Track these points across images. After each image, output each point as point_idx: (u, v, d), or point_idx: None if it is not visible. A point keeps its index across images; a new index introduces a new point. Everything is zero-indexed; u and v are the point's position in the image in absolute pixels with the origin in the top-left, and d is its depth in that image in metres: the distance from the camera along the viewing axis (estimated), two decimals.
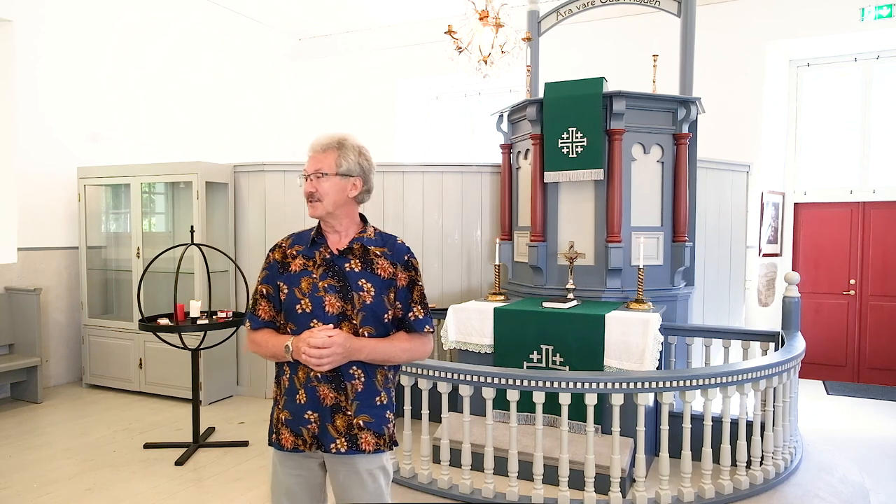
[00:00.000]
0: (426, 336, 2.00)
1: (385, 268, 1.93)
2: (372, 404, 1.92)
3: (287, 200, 5.64)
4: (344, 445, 1.88)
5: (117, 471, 4.01)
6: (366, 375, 1.90)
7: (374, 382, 1.93)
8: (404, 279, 1.95)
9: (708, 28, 6.16)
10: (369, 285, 1.90)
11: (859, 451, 4.41)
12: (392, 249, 1.97)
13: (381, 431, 1.93)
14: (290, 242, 2.02)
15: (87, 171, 5.93)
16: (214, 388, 5.59)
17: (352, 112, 8.68)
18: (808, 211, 7.02)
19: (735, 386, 3.24)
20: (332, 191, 1.92)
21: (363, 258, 1.93)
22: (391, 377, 2.00)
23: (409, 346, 1.95)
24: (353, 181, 1.94)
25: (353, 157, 1.94)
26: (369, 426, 1.90)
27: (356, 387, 1.89)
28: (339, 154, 1.93)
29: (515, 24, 4.97)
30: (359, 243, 1.95)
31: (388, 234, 2.03)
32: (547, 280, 4.66)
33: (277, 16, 8.17)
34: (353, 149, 1.95)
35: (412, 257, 1.99)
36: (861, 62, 6.71)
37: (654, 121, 4.49)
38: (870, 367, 6.70)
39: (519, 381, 3.12)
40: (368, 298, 1.89)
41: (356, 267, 1.92)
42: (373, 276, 1.91)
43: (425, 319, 1.98)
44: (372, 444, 1.90)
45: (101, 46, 6.45)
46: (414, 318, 1.96)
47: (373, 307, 1.89)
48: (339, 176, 1.92)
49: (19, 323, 5.52)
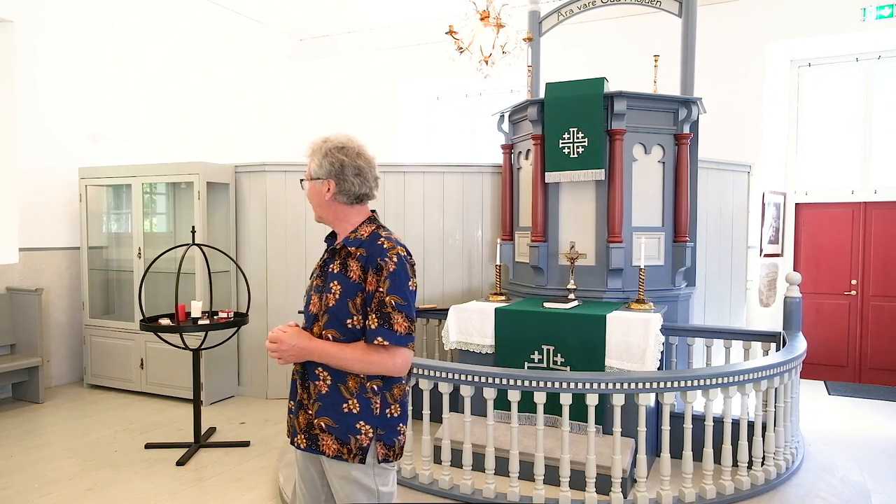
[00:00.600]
0: (385, 350, 1.81)
1: (355, 270, 1.85)
2: (336, 409, 1.85)
3: (288, 200, 5.64)
4: (303, 442, 1.91)
5: (118, 471, 4.02)
6: (332, 379, 1.86)
7: (341, 388, 1.86)
8: (372, 283, 1.83)
9: (709, 28, 6.16)
10: (338, 287, 1.86)
11: (860, 452, 4.41)
12: (369, 251, 1.86)
13: (345, 440, 1.84)
14: None
15: (88, 171, 5.93)
16: (215, 389, 5.60)
17: (352, 112, 8.69)
18: (809, 211, 7.02)
19: (736, 386, 3.23)
20: (311, 194, 1.99)
21: (343, 260, 1.90)
22: (374, 388, 1.86)
23: (361, 356, 1.82)
24: (324, 183, 1.93)
25: (319, 159, 1.94)
26: (330, 430, 1.85)
27: (319, 388, 1.88)
28: (311, 158, 1.97)
29: (516, 24, 4.98)
30: (342, 244, 1.93)
31: (377, 235, 1.91)
32: (548, 280, 4.66)
33: (278, 16, 8.17)
34: (321, 151, 1.95)
35: (384, 259, 1.82)
36: (862, 62, 6.71)
37: (655, 121, 4.49)
38: (871, 368, 6.69)
39: (520, 382, 3.12)
40: (332, 301, 1.86)
41: (336, 268, 1.91)
42: (344, 278, 1.87)
43: (378, 331, 1.80)
44: (333, 450, 1.85)
45: (101, 46, 6.45)
46: (368, 329, 1.82)
47: (335, 310, 1.85)
48: (312, 180, 1.96)
49: (21, 323, 5.52)
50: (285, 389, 5.70)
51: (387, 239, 1.89)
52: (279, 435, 4.69)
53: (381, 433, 1.87)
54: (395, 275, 1.82)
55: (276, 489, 3.72)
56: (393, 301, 1.81)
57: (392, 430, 1.90)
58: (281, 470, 3.80)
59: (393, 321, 1.81)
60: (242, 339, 5.78)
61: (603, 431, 3.69)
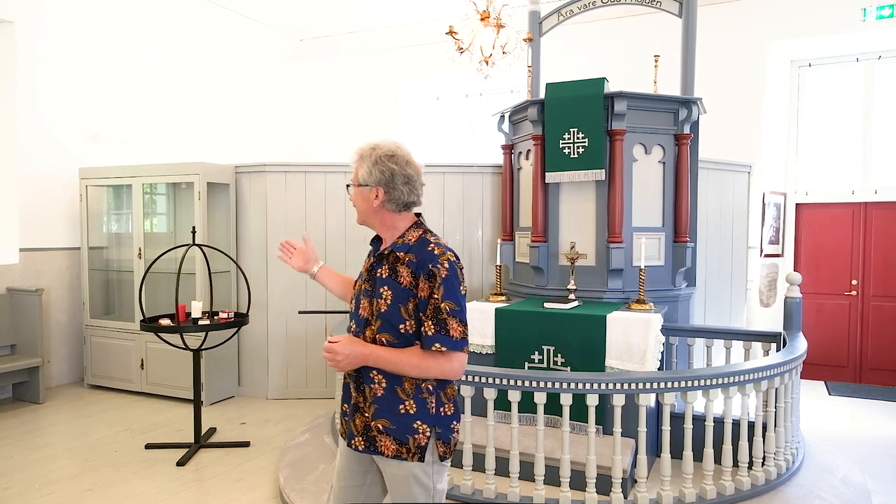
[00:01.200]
0: (442, 355, 1.85)
1: (405, 276, 1.88)
2: (393, 411, 1.89)
3: (288, 201, 5.64)
4: (361, 444, 1.94)
5: (118, 471, 4.02)
6: (387, 381, 1.90)
7: (397, 390, 1.90)
8: (425, 290, 1.85)
9: (709, 28, 6.16)
10: (389, 293, 1.89)
11: (861, 452, 4.41)
12: (419, 256, 1.88)
13: (404, 440, 1.88)
14: None
15: (88, 171, 5.93)
16: (216, 389, 5.60)
17: (353, 112, 8.70)
18: (809, 211, 7.01)
19: (737, 387, 3.23)
20: (358, 201, 1.99)
21: (392, 265, 1.92)
22: (429, 388, 1.91)
23: (418, 362, 1.85)
24: (373, 191, 1.94)
25: (368, 166, 1.94)
26: (389, 431, 1.89)
27: (375, 391, 1.91)
28: (358, 164, 1.97)
29: (517, 24, 4.98)
30: (391, 249, 1.94)
31: (426, 241, 1.93)
32: (548, 280, 4.66)
33: (278, 16, 8.17)
34: (370, 157, 1.94)
35: (436, 266, 1.84)
36: (863, 62, 6.71)
37: (656, 121, 4.49)
38: (871, 368, 6.69)
39: (520, 382, 3.12)
40: (384, 306, 1.89)
41: (384, 273, 1.93)
42: (394, 283, 1.89)
43: (435, 337, 1.83)
44: (392, 450, 1.89)
45: (101, 47, 6.46)
46: (424, 335, 1.86)
47: (387, 315, 1.88)
48: (360, 187, 1.96)
49: (21, 323, 5.53)
50: (286, 390, 5.71)
51: (436, 245, 1.91)
52: (279, 435, 4.69)
53: (439, 431, 1.92)
54: (447, 281, 1.85)
55: (277, 489, 3.72)
56: (448, 307, 1.84)
57: (447, 428, 1.94)
58: (281, 470, 3.80)
59: (449, 327, 1.84)
60: (243, 340, 5.78)
61: (603, 432, 3.69)
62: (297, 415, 5.19)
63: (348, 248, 5.64)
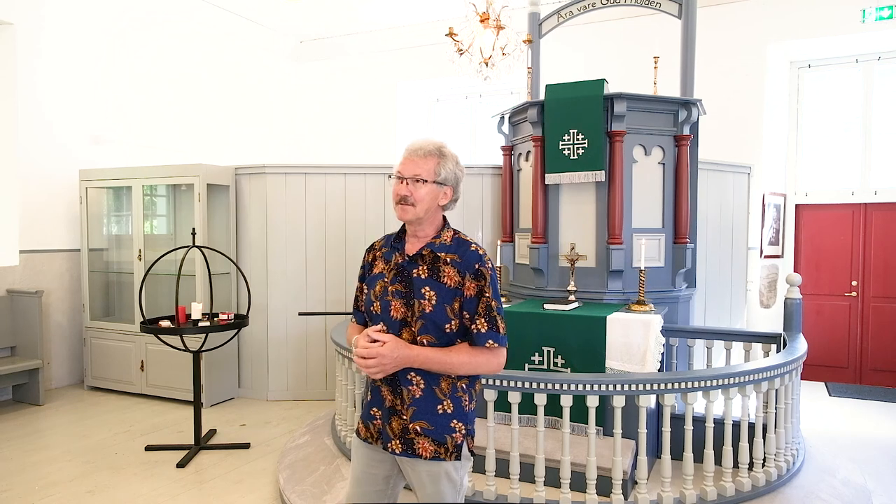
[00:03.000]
0: (491, 351, 1.89)
1: (451, 276, 1.88)
2: (432, 411, 1.89)
3: (288, 202, 5.64)
4: (398, 447, 1.91)
5: (118, 473, 4.01)
6: (426, 382, 1.89)
7: (436, 390, 1.89)
8: (472, 289, 1.87)
9: (709, 29, 6.17)
10: (432, 293, 1.87)
11: (861, 453, 4.40)
12: (462, 257, 1.90)
13: (442, 440, 1.89)
14: (381, 244, 2.08)
15: (88, 173, 5.94)
16: (216, 391, 5.60)
17: (353, 113, 8.70)
18: (809, 212, 7.02)
19: (737, 388, 3.23)
20: (428, 197, 1.92)
21: (431, 265, 1.90)
22: (463, 386, 1.93)
23: (468, 359, 1.86)
24: (445, 189, 1.95)
25: (451, 166, 1.94)
26: (427, 433, 1.88)
27: (413, 392, 1.89)
28: (440, 162, 1.93)
29: (516, 26, 4.98)
30: (429, 249, 1.92)
31: (464, 241, 1.95)
32: (548, 282, 4.66)
33: (279, 18, 8.18)
34: (452, 158, 1.95)
35: (483, 266, 1.89)
36: (862, 63, 6.71)
37: (655, 122, 4.49)
38: (872, 369, 6.68)
39: (520, 383, 3.11)
40: (428, 307, 1.86)
41: (423, 273, 1.90)
42: (438, 283, 1.88)
43: (489, 334, 1.87)
44: (430, 451, 1.88)
45: (101, 48, 6.46)
46: (476, 332, 1.87)
47: (432, 316, 1.86)
48: (436, 184, 1.92)
49: (21, 325, 5.52)
50: (286, 391, 5.70)
51: (476, 244, 1.95)
52: (280, 437, 4.69)
53: (470, 428, 1.96)
54: (493, 280, 1.91)
55: (277, 491, 3.71)
56: (496, 305, 1.89)
57: (473, 423, 1.98)
58: (281, 472, 3.80)
59: (498, 323, 1.89)
60: (243, 341, 5.78)
61: (603, 433, 3.68)
62: (298, 416, 5.19)
63: (347, 248, 5.64)
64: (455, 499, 1.94)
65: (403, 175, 1.92)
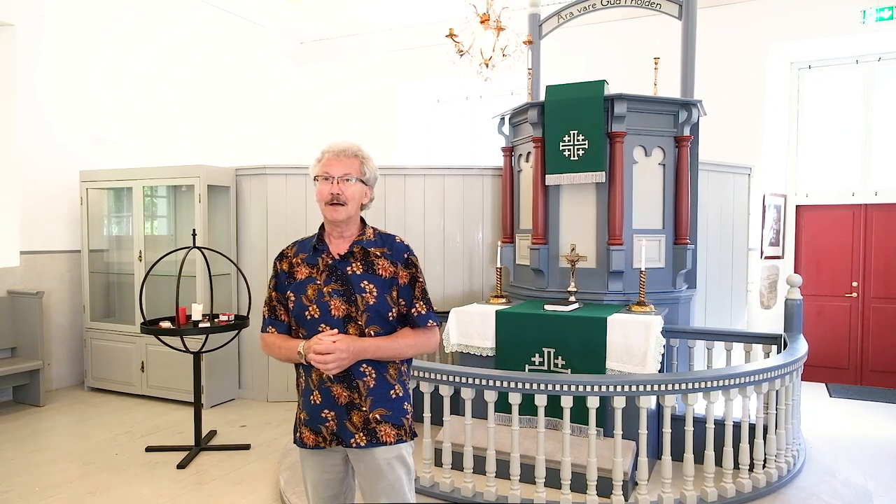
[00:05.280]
0: (431, 329, 2.06)
1: (386, 267, 2.00)
2: (387, 398, 1.99)
3: (288, 203, 5.64)
4: (363, 439, 1.96)
5: (119, 474, 4.01)
6: (377, 371, 1.98)
7: (386, 377, 2.00)
8: (405, 276, 2.02)
9: (709, 30, 6.16)
10: (371, 286, 1.97)
11: (862, 454, 4.40)
12: (391, 249, 2.04)
13: (400, 423, 2.01)
14: (294, 251, 2.11)
15: (89, 174, 5.94)
16: (216, 392, 5.60)
17: (353, 114, 8.71)
18: (809, 213, 7.01)
19: (737, 389, 3.23)
20: (357, 196, 2.01)
21: (364, 260, 2.01)
22: (404, 370, 2.07)
23: (414, 341, 2.01)
24: (367, 189, 2.05)
25: (372, 165, 2.05)
26: (387, 419, 1.98)
27: (368, 383, 1.97)
28: (363, 162, 2.02)
29: (516, 27, 4.97)
30: (359, 246, 2.02)
31: (386, 234, 2.09)
32: (548, 283, 4.66)
33: (279, 19, 8.18)
34: (370, 158, 2.05)
35: (411, 255, 2.06)
36: (862, 64, 6.71)
37: (656, 123, 4.49)
38: (872, 370, 6.68)
39: (521, 384, 3.12)
40: (371, 299, 1.96)
41: (357, 269, 1.99)
42: (374, 276, 1.98)
43: (428, 314, 2.05)
44: (392, 436, 1.98)
45: (101, 50, 6.46)
46: (417, 314, 2.03)
47: (376, 307, 1.96)
48: (362, 182, 2.01)
49: (22, 326, 5.53)
50: (286, 392, 5.69)
51: (398, 236, 2.10)
52: (280, 438, 4.69)
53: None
54: (419, 266, 2.08)
55: (277, 492, 3.71)
56: (426, 288, 2.08)
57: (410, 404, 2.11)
58: (282, 473, 3.79)
59: (431, 304, 2.09)
60: (243, 342, 5.78)
61: (604, 434, 3.68)
62: None
63: None
64: (411, 483, 2.05)
65: (333, 174, 1.97)
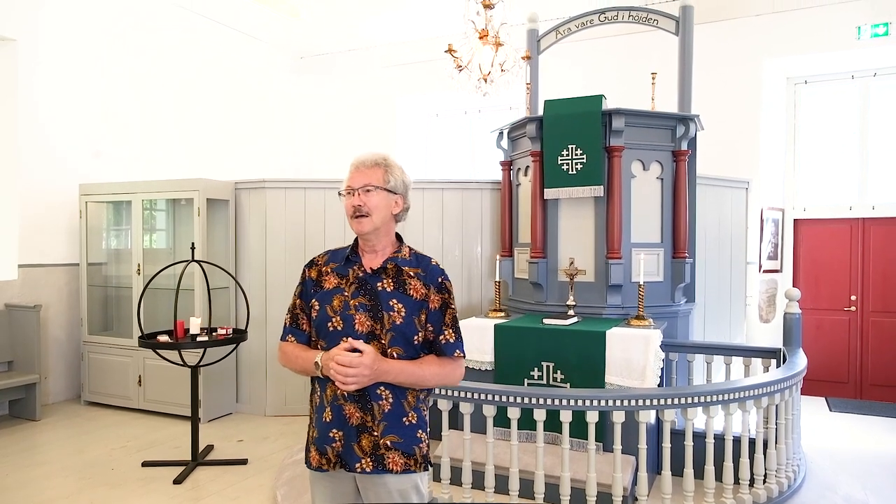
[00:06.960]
0: (457, 361, 1.95)
1: (418, 289, 1.91)
2: (400, 425, 1.88)
3: (287, 217, 5.65)
4: (370, 465, 1.86)
5: (115, 489, 3.98)
6: (394, 396, 1.87)
7: (403, 403, 1.89)
8: (437, 301, 1.92)
9: (706, 46, 6.21)
10: (400, 305, 1.88)
11: (863, 469, 4.38)
12: (426, 270, 1.95)
13: (411, 452, 1.89)
14: (325, 259, 2.03)
15: (88, 187, 5.95)
16: (214, 406, 5.57)
17: (352, 128, 8.75)
18: (807, 227, 7.03)
19: (737, 403, 3.22)
20: (381, 206, 1.92)
21: (396, 278, 1.92)
22: (423, 398, 1.96)
23: (438, 370, 1.90)
24: (396, 198, 1.96)
25: (398, 173, 1.97)
26: (397, 446, 1.87)
27: (383, 407, 1.86)
28: (386, 170, 1.95)
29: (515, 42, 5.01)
30: (392, 263, 1.94)
31: (423, 256, 2.00)
32: (547, 296, 4.66)
33: (279, 34, 8.25)
34: (398, 166, 1.98)
35: (446, 279, 1.96)
36: (858, 79, 6.76)
37: (654, 138, 4.52)
38: (872, 384, 6.66)
39: (520, 399, 3.11)
40: (398, 319, 1.87)
41: (388, 286, 1.91)
42: (404, 296, 1.90)
43: (456, 343, 1.94)
44: (400, 465, 1.87)
45: (101, 64, 6.50)
46: (445, 342, 1.92)
47: (402, 328, 1.87)
48: (387, 191, 1.93)
49: (19, 340, 5.50)
50: (284, 407, 5.67)
51: (434, 259, 2.01)
52: (277, 453, 4.66)
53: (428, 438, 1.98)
54: (452, 292, 1.98)
55: None
56: (457, 316, 1.99)
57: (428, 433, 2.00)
58: (278, 488, 3.77)
59: (461, 334, 1.98)
60: (241, 356, 5.76)
61: (603, 449, 3.66)
62: (296, 431, 5.16)
63: None
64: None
65: (354, 187, 1.93)
